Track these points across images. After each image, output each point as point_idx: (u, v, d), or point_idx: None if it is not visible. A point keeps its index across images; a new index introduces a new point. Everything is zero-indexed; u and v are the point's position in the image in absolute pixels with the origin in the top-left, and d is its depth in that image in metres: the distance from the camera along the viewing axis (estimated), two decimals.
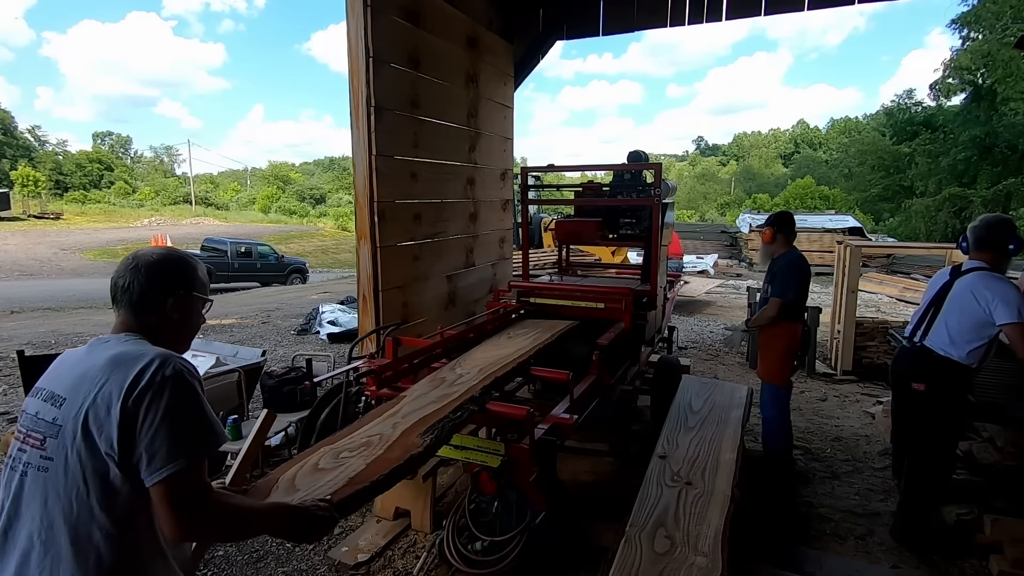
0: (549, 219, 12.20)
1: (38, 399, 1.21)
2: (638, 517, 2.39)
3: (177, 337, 1.36)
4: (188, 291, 1.34)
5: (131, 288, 1.28)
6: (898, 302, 11.34)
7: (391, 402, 2.34)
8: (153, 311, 1.30)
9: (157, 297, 1.29)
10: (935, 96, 25.92)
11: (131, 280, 1.28)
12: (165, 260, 1.32)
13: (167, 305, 1.30)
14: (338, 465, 1.70)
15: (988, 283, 2.65)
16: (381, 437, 1.92)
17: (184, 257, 1.38)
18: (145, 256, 1.31)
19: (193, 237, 25.90)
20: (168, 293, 1.30)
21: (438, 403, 2.27)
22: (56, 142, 56.13)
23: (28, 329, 8.65)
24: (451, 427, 2.06)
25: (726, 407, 3.52)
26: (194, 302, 1.36)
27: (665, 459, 2.87)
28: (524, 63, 6.23)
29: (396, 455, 1.77)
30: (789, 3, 5.43)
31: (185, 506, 1.11)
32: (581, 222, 4.76)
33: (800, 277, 3.60)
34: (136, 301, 1.28)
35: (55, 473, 1.14)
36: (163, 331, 1.31)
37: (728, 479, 2.64)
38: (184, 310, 1.34)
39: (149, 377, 1.14)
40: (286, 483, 1.58)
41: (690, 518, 2.38)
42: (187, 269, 1.35)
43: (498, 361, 2.88)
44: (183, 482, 1.11)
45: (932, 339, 2.85)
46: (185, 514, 1.11)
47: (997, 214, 3.03)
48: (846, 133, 51.06)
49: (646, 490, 2.60)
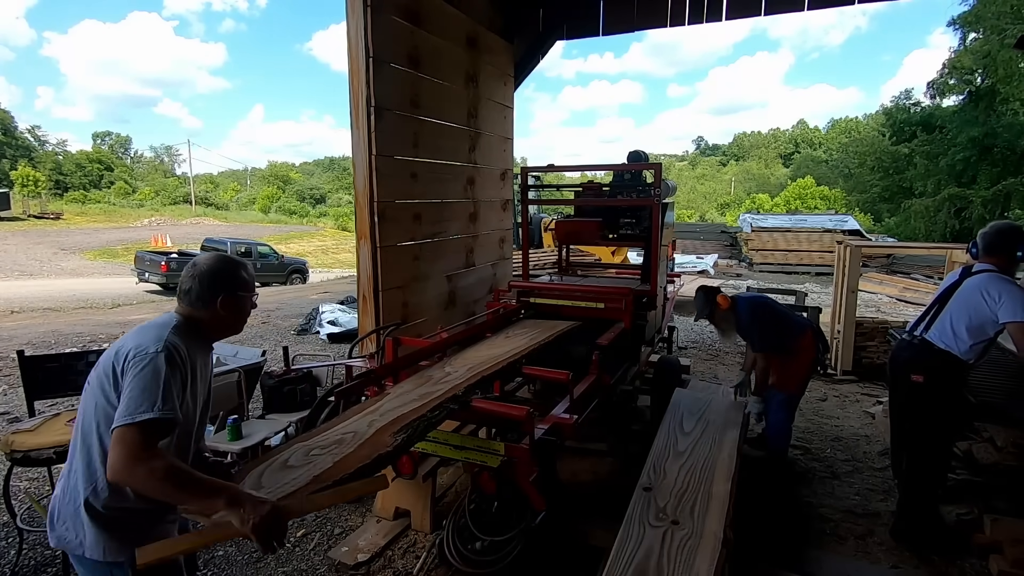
0: (549, 219, 12.20)
1: None
2: (616, 565, 2.12)
3: (230, 326, 1.71)
4: (233, 292, 1.66)
5: (191, 291, 1.62)
6: (898, 302, 11.34)
7: (373, 399, 2.32)
8: (205, 307, 1.63)
9: (209, 297, 1.62)
10: (932, 96, 25.94)
11: (190, 285, 1.62)
12: (215, 267, 1.65)
13: (217, 303, 1.62)
14: (307, 463, 1.67)
15: (997, 283, 2.71)
16: (355, 435, 1.90)
17: (231, 262, 1.71)
18: (201, 264, 1.64)
19: (193, 237, 25.90)
20: (217, 294, 1.62)
21: (419, 401, 2.25)
22: (56, 142, 56.19)
23: (28, 329, 8.65)
24: (426, 426, 2.04)
25: (721, 427, 3.23)
26: (240, 300, 1.69)
27: (650, 491, 2.58)
28: (524, 63, 6.23)
29: (364, 454, 1.74)
30: (789, 3, 5.43)
31: (126, 453, 1.34)
32: (581, 222, 4.76)
33: (762, 322, 3.60)
34: (195, 300, 1.62)
35: (87, 394, 1.53)
36: (216, 323, 1.65)
37: (720, 517, 2.37)
38: (232, 306, 1.66)
39: (143, 348, 1.46)
40: (252, 480, 1.58)
41: (675, 567, 2.11)
42: (232, 274, 1.67)
43: (489, 360, 2.86)
44: (132, 434, 1.35)
45: (934, 333, 2.89)
46: (124, 460, 1.33)
47: (1008, 221, 3.13)
48: (846, 133, 51.09)
49: (627, 530, 2.31)
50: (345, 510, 3.33)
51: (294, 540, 3.06)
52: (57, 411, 2.89)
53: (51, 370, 3.11)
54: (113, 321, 9.45)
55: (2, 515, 3.16)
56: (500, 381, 3.42)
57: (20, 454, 2.45)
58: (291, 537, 3.09)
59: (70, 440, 1.58)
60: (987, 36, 20.48)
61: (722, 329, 3.76)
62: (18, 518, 2.85)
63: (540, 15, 6.17)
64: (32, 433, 2.60)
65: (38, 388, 3.06)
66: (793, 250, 18.06)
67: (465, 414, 2.53)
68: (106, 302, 12.94)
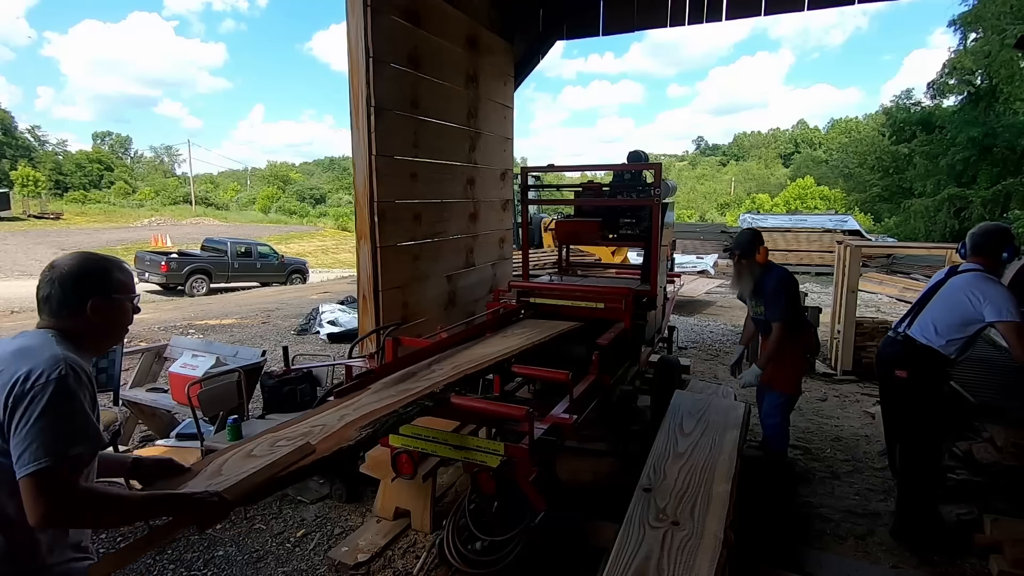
0: (549, 219, 12.20)
1: None
2: (616, 566, 2.12)
3: (105, 335, 1.44)
4: (107, 294, 1.40)
5: (50, 297, 1.35)
6: (898, 302, 11.35)
7: (351, 394, 2.30)
8: (72, 315, 1.36)
9: (75, 303, 1.36)
10: (932, 96, 25.93)
11: (48, 291, 1.35)
12: (80, 268, 1.38)
13: (87, 308, 1.37)
14: (270, 453, 1.66)
15: (982, 283, 2.75)
16: (324, 428, 1.89)
17: (99, 261, 1.43)
18: (61, 265, 1.38)
19: (193, 237, 25.89)
20: (86, 298, 1.36)
21: (395, 397, 2.24)
22: (56, 142, 56.27)
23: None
24: (396, 421, 2.03)
25: (721, 428, 3.23)
26: (115, 302, 1.42)
27: (650, 492, 2.58)
28: (524, 63, 6.23)
29: (326, 447, 1.74)
30: (789, 3, 5.43)
31: (46, 500, 1.17)
32: (581, 222, 4.76)
33: (790, 292, 3.53)
34: (56, 308, 1.36)
35: None
36: (89, 331, 1.39)
37: (721, 518, 2.37)
38: (105, 311, 1.40)
39: (34, 378, 1.21)
40: (213, 469, 1.57)
41: (675, 567, 2.10)
42: (102, 273, 1.40)
43: (478, 358, 2.86)
44: (46, 479, 1.17)
45: (916, 330, 2.95)
46: (46, 507, 1.17)
47: (996, 222, 3.20)
48: (846, 133, 51.04)
49: (627, 532, 2.31)
50: (345, 510, 3.33)
51: (294, 540, 3.06)
52: None
53: None
54: None
55: None
56: (500, 381, 3.43)
57: None
58: (291, 537, 3.09)
59: None
60: (987, 36, 20.47)
61: (741, 277, 3.63)
62: None
63: (540, 15, 6.17)
64: None
65: None
66: (793, 250, 18.07)
67: (465, 414, 2.54)
68: None
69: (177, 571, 2.80)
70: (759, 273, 3.57)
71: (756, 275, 3.57)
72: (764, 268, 3.57)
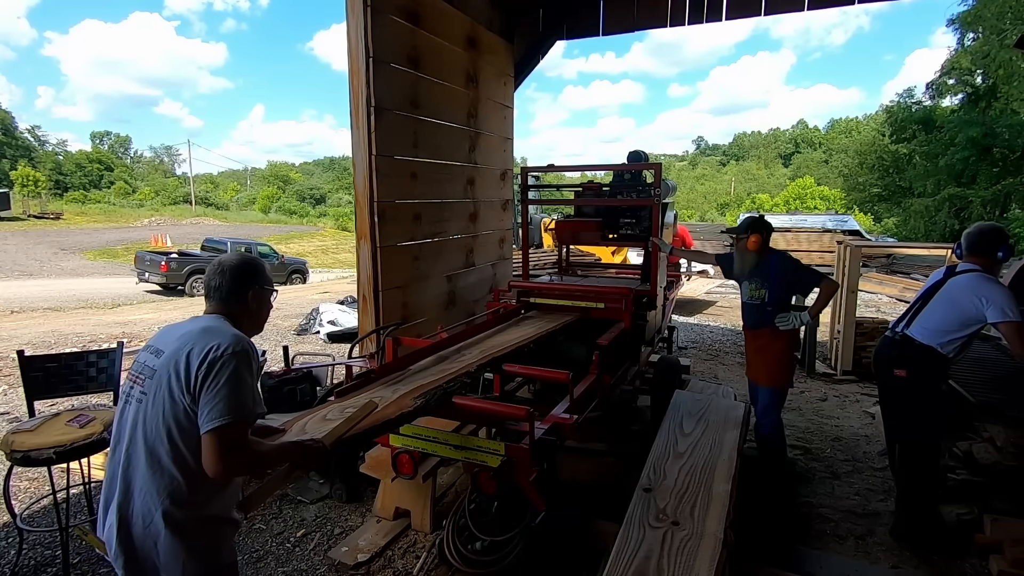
0: (549, 219, 12.19)
1: (148, 352, 1.60)
2: (616, 566, 2.12)
3: (256, 320, 1.76)
4: (261, 285, 1.73)
5: (221, 286, 1.66)
6: (898, 302, 11.34)
7: (395, 374, 2.61)
8: (237, 302, 1.68)
9: (240, 291, 1.68)
10: (932, 96, 25.94)
11: (219, 281, 1.66)
12: (243, 263, 1.72)
13: (248, 297, 1.69)
14: (341, 416, 1.93)
15: (983, 284, 2.76)
16: (382, 399, 2.19)
17: (255, 259, 1.79)
18: (227, 261, 1.70)
19: (193, 237, 25.90)
20: (247, 288, 1.68)
21: (436, 375, 2.57)
22: (56, 142, 56.32)
23: (28, 329, 8.65)
24: (442, 395, 2.27)
25: (721, 428, 3.23)
26: (266, 293, 1.76)
27: (650, 492, 2.57)
28: (524, 63, 6.23)
29: (390, 412, 2.06)
30: (789, 3, 5.43)
31: (226, 452, 1.43)
32: (581, 222, 4.75)
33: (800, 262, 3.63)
34: (225, 295, 1.67)
35: (146, 405, 1.51)
36: (245, 316, 1.70)
37: (721, 518, 2.37)
38: (260, 299, 1.73)
39: (223, 350, 1.48)
40: (298, 429, 1.86)
41: (675, 567, 2.10)
42: (259, 269, 1.75)
43: (501, 344, 3.13)
44: (227, 434, 1.43)
45: (915, 329, 2.96)
46: (225, 458, 1.43)
47: (991, 222, 3.22)
48: (846, 133, 51.07)
49: (627, 532, 2.30)
50: (345, 510, 3.33)
51: (294, 540, 3.06)
52: (57, 411, 2.88)
53: (51, 370, 3.10)
54: (113, 321, 9.44)
55: (2, 515, 3.16)
56: (500, 381, 3.43)
57: (20, 454, 2.45)
58: (291, 537, 3.09)
59: (108, 466, 1.57)
60: (986, 36, 20.47)
61: (744, 258, 3.64)
62: (18, 518, 2.85)
63: (540, 15, 6.17)
64: (32, 433, 2.59)
65: (38, 388, 3.06)
66: (793, 250, 18.01)
67: (466, 414, 2.54)
68: (106, 302, 12.95)
69: None
70: (762, 256, 3.58)
71: (760, 255, 3.58)
72: (768, 253, 3.61)
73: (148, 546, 1.49)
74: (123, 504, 1.50)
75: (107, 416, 2.82)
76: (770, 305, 3.54)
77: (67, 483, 2.94)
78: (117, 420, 1.59)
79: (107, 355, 3.25)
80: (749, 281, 3.64)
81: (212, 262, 1.73)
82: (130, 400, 1.57)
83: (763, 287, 3.57)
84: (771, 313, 3.53)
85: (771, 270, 3.55)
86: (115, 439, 1.58)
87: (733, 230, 3.82)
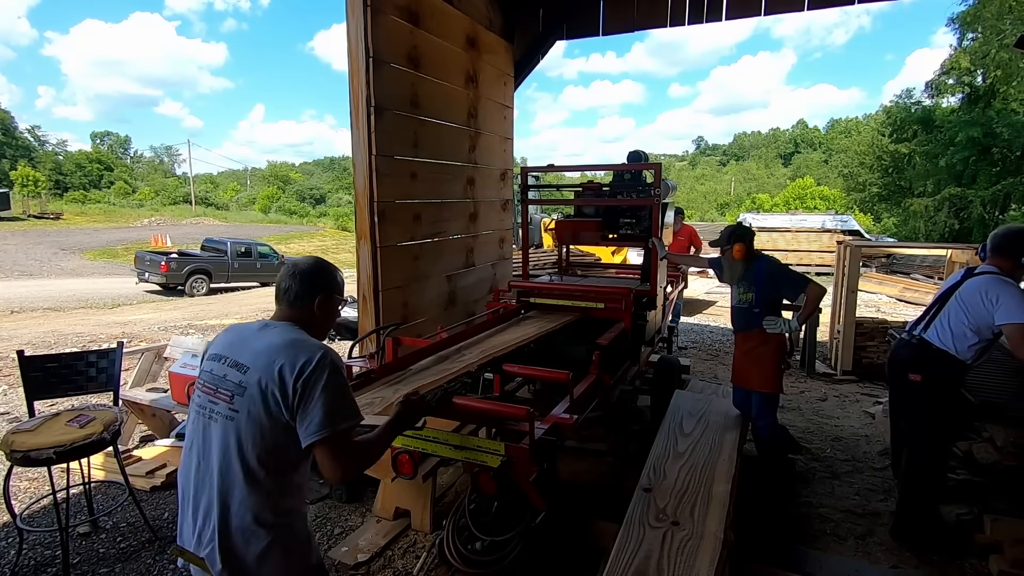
0: (549, 219, 12.19)
1: (223, 364, 1.55)
2: (616, 566, 2.12)
3: (321, 328, 1.70)
4: (330, 293, 1.68)
5: (290, 290, 1.63)
6: (898, 302, 11.34)
7: (396, 374, 2.60)
8: (303, 308, 1.64)
9: (308, 296, 1.64)
10: (931, 96, 25.94)
11: (289, 284, 1.63)
12: (314, 267, 1.67)
13: (315, 303, 1.64)
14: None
15: (997, 285, 2.70)
16: (382, 400, 2.20)
17: (328, 265, 1.72)
18: (300, 264, 1.67)
19: (193, 237, 25.89)
20: (315, 294, 1.64)
21: (436, 375, 2.55)
22: (56, 142, 56.27)
23: (28, 329, 8.65)
24: (442, 395, 2.26)
25: (721, 429, 3.23)
26: (335, 301, 1.70)
27: (650, 492, 2.58)
28: (524, 63, 6.22)
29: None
30: (789, 3, 5.43)
31: (339, 457, 1.49)
32: (581, 222, 4.75)
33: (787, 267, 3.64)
34: (293, 299, 1.63)
35: (239, 422, 1.49)
36: (311, 323, 1.65)
37: (720, 518, 2.37)
38: (326, 307, 1.68)
39: (315, 363, 1.48)
40: None
41: (675, 567, 2.10)
42: (329, 276, 1.69)
43: (500, 344, 3.12)
44: (335, 442, 1.48)
45: (932, 333, 2.89)
46: (343, 462, 1.50)
47: (1020, 225, 3.10)
48: (846, 133, 51.06)
49: (627, 532, 2.31)
50: (345, 510, 3.33)
51: None
52: (57, 411, 2.88)
53: (51, 370, 3.10)
54: (113, 321, 9.44)
55: (2, 515, 3.16)
56: (500, 381, 3.42)
57: (20, 454, 2.45)
58: None
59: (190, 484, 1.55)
60: (986, 36, 20.47)
61: (732, 266, 3.66)
62: (18, 518, 2.85)
63: (540, 15, 6.17)
64: (32, 433, 2.60)
65: (38, 388, 3.06)
66: (793, 250, 18.08)
67: (466, 414, 2.54)
68: (106, 302, 12.94)
69: (177, 572, 2.79)
70: (748, 264, 3.60)
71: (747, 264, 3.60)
72: (753, 259, 3.62)
73: (249, 562, 1.50)
74: (222, 523, 1.50)
75: (107, 416, 2.82)
76: (757, 307, 3.55)
77: (67, 483, 2.94)
78: (199, 437, 1.55)
79: (107, 355, 3.25)
80: (738, 285, 3.68)
81: (287, 263, 1.71)
82: (215, 416, 1.53)
83: (750, 290, 3.59)
84: (759, 315, 3.53)
85: (757, 274, 3.57)
86: (199, 456, 1.55)
87: (716, 243, 3.82)
